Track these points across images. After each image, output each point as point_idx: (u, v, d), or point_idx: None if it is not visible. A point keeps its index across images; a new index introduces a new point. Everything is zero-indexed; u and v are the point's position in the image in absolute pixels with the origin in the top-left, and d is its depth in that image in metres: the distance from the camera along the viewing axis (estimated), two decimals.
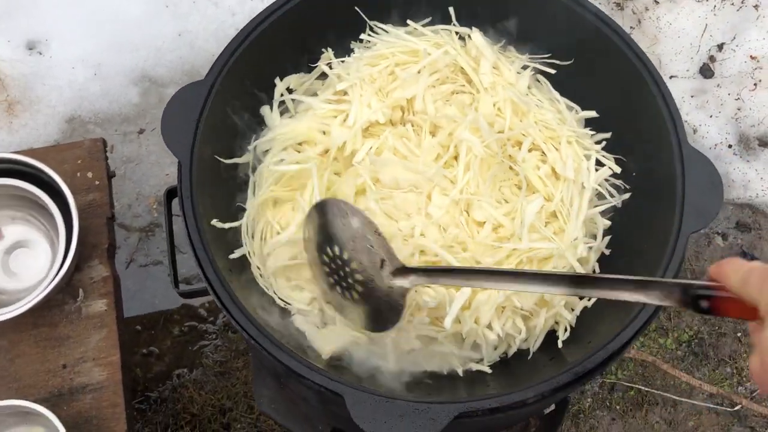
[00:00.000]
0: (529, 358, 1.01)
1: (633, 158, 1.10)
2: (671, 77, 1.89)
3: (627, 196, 1.08)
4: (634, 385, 1.73)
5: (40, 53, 1.88)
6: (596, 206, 1.07)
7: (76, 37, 1.91)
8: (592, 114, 1.13)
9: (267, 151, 1.09)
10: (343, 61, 1.13)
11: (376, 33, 1.15)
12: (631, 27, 1.92)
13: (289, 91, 1.14)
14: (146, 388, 1.72)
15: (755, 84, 1.87)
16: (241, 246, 1.02)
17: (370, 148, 1.02)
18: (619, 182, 1.09)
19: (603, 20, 1.07)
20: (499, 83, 1.09)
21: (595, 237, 1.06)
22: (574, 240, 1.02)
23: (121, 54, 1.91)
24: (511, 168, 1.04)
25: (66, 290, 1.25)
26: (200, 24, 1.95)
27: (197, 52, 1.94)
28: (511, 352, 1.00)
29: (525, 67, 1.16)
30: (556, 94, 1.16)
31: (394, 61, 1.06)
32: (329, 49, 1.16)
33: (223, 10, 1.96)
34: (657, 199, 1.03)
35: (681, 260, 0.94)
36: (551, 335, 1.02)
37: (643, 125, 1.07)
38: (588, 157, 1.09)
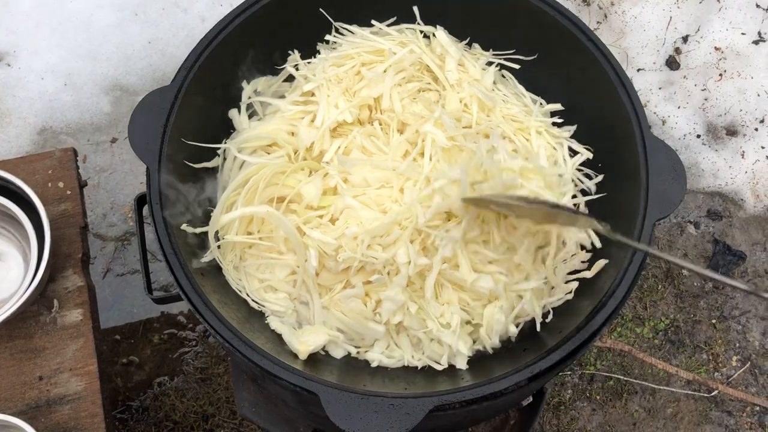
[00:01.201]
0: (500, 350, 1.02)
1: (598, 150, 1.11)
2: (639, 70, 1.92)
3: (600, 178, 1.09)
4: (613, 375, 1.75)
5: (9, 65, 1.87)
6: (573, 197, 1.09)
7: (45, 47, 1.90)
8: (558, 107, 1.15)
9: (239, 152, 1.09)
10: (309, 62, 1.14)
11: (342, 34, 1.16)
12: (597, 22, 1.95)
13: (257, 93, 1.15)
14: (127, 397, 1.71)
15: (720, 75, 1.90)
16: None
17: (338, 147, 1.03)
18: (589, 171, 1.11)
19: (566, 16, 1.09)
20: (464, 80, 1.10)
21: None
22: None
23: (92, 63, 1.90)
24: None
25: (40, 301, 1.24)
26: (170, 31, 1.95)
27: (168, 58, 1.94)
28: (488, 345, 1.01)
29: (490, 64, 1.17)
30: (522, 89, 1.17)
31: (359, 60, 1.07)
32: (296, 51, 1.16)
33: (192, 16, 1.96)
34: (623, 189, 1.04)
35: (647, 245, 0.95)
36: (524, 330, 1.03)
37: (607, 117, 1.08)
38: (560, 146, 1.11)
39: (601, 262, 1.01)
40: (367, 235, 0.96)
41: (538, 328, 1.00)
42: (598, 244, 1.03)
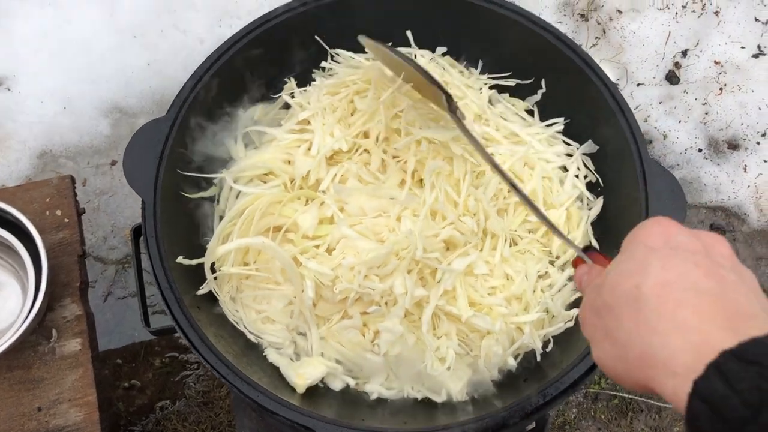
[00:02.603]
0: (500, 380, 1.01)
1: (599, 172, 1.11)
2: (639, 85, 1.91)
3: (600, 200, 1.09)
4: (617, 393, 1.73)
5: (8, 89, 1.87)
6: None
7: (44, 71, 1.90)
8: (560, 120, 1.14)
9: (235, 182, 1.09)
10: (305, 90, 1.14)
11: (337, 61, 1.15)
12: (596, 37, 1.94)
13: (254, 121, 1.14)
14: (129, 422, 1.71)
15: (720, 88, 1.89)
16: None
17: (334, 176, 1.02)
18: (590, 195, 1.10)
19: (562, 40, 1.09)
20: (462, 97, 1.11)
21: None
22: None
23: (91, 86, 1.90)
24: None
25: (39, 331, 1.24)
26: (169, 53, 1.95)
27: (167, 81, 1.94)
28: (487, 377, 1.00)
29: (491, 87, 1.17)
30: (521, 108, 1.17)
31: (354, 89, 1.07)
32: (292, 79, 1.16)
33: (191, 37, 1.96)
34: (624, 212, 1.04)
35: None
36: (525, 359, 1.02)
37: (605, 142, 1.08)
38: (566, 168, 1.11)
39: None
40: (363, 266, 0.95)
41: (539, 359, 0.99)
42: None
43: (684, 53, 1.92)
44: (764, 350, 0.42)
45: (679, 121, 1.89)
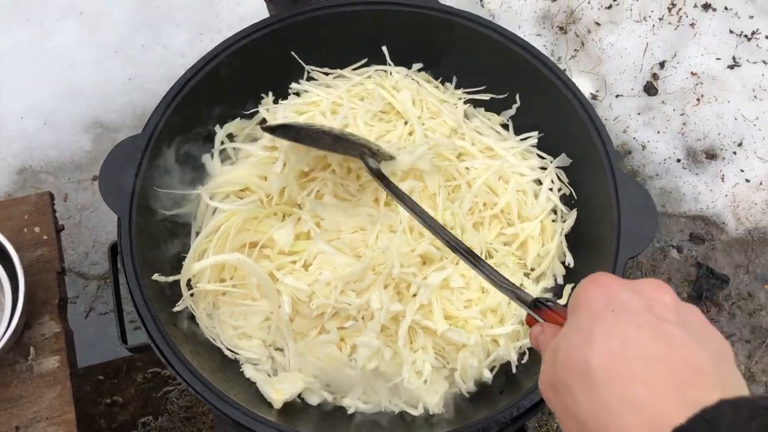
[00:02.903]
0: (477, 393, 1.01)
1: (572, 185, 1.12)
2: (617, 96, 1.93)
3: (574, 213, 1.10)
4: None
5: None
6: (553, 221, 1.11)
7: (24, 87, 1.90)
8: (534, 134, 1.15)
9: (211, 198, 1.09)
10: (275, 107, 1.14)
11: (314, 78, 1.16)
12: (575, 50, 1.96)
13: (231, 137, 1.15)
14: None
15: (698, 99, 1.92)
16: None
17: (309, 193, 1.03)
18: (564, 207, 1.11)
19: (535, 55, 1.10)
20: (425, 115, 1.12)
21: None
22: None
23: (71, 101, 1.90)
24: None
25: (16, 349, 1.23)
26: (150, 67, 1.95)
27: (148, 95, 1.94)
28: (463, 389, 1.00)
29: (466, 102, 1.19)
30: (496, 122, 1.18)
31: (320, 110, 1.08)
32: (269, 94, 1.16)
33: (172, 52, 1.97)
34: (597, 225, 1.05)
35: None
36: (500, 371, 1.03)
37: (578, 156, 1.09)
38: (540, 182, 1.12)
39: (569, 287, 1.04)
40: (340, 281, 0.95)
41: (514, 371, 0.99)
42: None
43: (661, 65, 1.95)
44: (712, 426, 0.41)
45: (658, 132, 1.92)
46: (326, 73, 1.19)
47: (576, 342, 0.50)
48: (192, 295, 1.02)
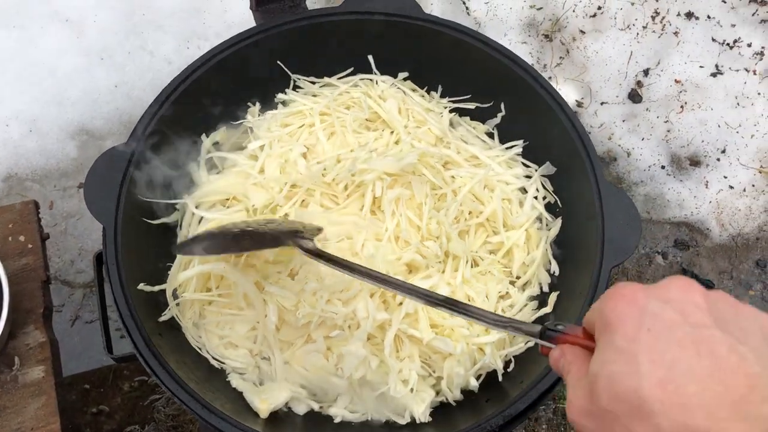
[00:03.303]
0: (463, 401, 1.02)
1: (557, 193, 1.13)
2: (602, 103, 1.95)
3: (559, 221, 1.11)
4: None
5: None
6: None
7: (9, 94, 1.89)
8: (519, 143, 1.16)
9: (197, 207, 1.09)
10: (260, 117, 1.15)
11: (300, 86, 1.17)
12: (560, 57, 1.98)
13: (217, 145, 1.15)
14: None
15: (681, 106, 1.93)
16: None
17: (294, 202, 1.03)
18: (549, 215, 1.12)
19: (519, 64, 1.11)
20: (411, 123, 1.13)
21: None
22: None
23: (57, 108, 1.89)
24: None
25: (0, 359, 1.22)
26: (136, 74, 1.95)
27: (135, 102, 1.94)
28: (450, 398, 1.01)
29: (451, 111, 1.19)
30: (481, 131, 1.19)
31: (307, 121, 1.08)
32: (257, 103, 1.17)
33: (158, 59, 1.96)
34: (581, 234, 1.05)
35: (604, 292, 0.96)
36: (486, 379, 1.03)
37: (563, 164, 1.10)
38: (525, 190, 1.13)
39: (554, 295, 1.04)
40: (326, 291, 0.96)
41: (500, 379, 1.00)
42: None
43: (646, 72, 1.97)
44: None
45: (643, 139, 1.93)
46: (312, 82, 1.19)
47: (619, 370, 0.49)
48: (178, 304, 1.02)
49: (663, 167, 1.92)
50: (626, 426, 0.48)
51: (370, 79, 1.18)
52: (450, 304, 0.73)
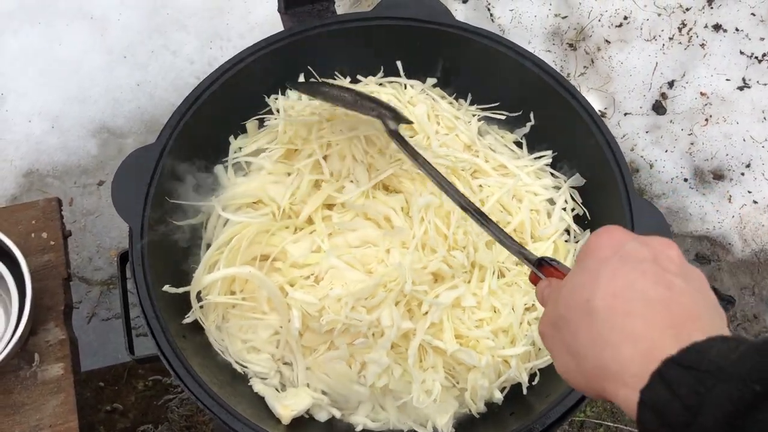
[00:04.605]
0: (487, 413, 1.00)
1: (586, 205, 1.12)
2: (626, 114, 1.93)
3: (587, 233, 1.09)
4: (603, 422, 1.73)
5: None
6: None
7: (32, 90, 1.89)
8: (548, 154, 1.15)
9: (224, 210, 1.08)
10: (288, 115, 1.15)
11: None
12: (584, 67, 1.96)
13: (245, 147, 1.14)
14: None
15: (706, 119, 1.92)
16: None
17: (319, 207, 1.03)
18: (577, 228, 1.11)
19: (552, 74, 1.10)
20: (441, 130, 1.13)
21: None
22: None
23: (79, 106, 1.90)
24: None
25: (21, 355, 1.22)
26: (159, 73, 1.95)
27: (156, 101, 1.94)
28: (473, 410, 1.00)
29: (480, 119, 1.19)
30: (510, 144, 1.18)
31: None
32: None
33: (181, 59, 1.96)
34: None
35: None
36: (511, 391, 1.02)
37: (593, 176, 1.09)
38: (553, 201, 1.12)
39: None
40: (351, 297, 0.95)
41: (525, 392, 0.99)
42: None
43: (671, 84, 1.95)
44: (701, 355, 0.44)
45: (666, 151, 1.92)
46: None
47: (581, 281, 0.53)
48: (201, 307, 1.01)
49: (686, 180, 1.90)
50: (572, 329, 0.52)
51: (399, 83, 1.17)
52: (478, 213, 0.79)
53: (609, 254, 0.53)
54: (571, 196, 1.12)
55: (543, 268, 0.65)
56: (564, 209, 1.11)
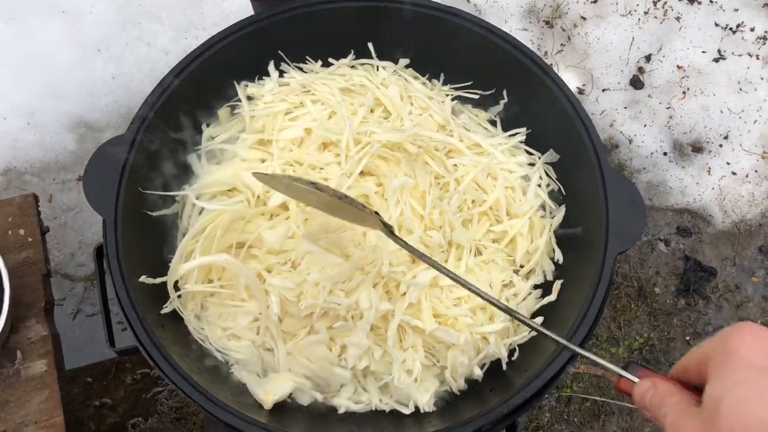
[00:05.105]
0: (467, 390, 1.01)
1: (561, 181, 1.12)
2: (604, 90, 1.93)
3: (563, 209, 1.10)
4: (590, 397, 1.75)
5: None
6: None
7: (6, 87, 1.88)
8: (522, 131, 1.15)
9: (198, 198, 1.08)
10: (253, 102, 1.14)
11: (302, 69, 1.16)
12: (561, 44, 1.96)
13: (218, 135, 1.14)
14: None
15: (684, 92, 1.92)
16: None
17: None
18: (552, 203, 1.11)
19: (522, 50, 1.10)
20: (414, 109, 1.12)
21: None
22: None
23: (55, 101, 1.88)
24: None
25: (3, 353, 1.22)
26: (134, 65, 1.94)
27: (133, 93, 1.93)
28: (454, 387, 1.00)
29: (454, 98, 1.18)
30: (484, 123, 1.18)
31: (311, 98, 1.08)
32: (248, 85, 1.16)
33: (156, 50, 1.95)
34: (586, 221, 1.05)
35: (609, 280, 0.96)
36: (490, 368, 1.03)
37: (566, 151, 1.09)
38: (528, 178, 1.12)
39: (558, 283, 1.04)
40: (328, 281, 0.95)
41: (504, 368, 0.99)
42: None
43: (647, 58, 1.96)
44: None
45: (645, 125, 1.92)
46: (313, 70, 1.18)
47: (745, 397, 0.48)
48: (179, 296, 1.01)
49: (665, 154, 1.91)
50: None
51: (371, 65, 1.17)
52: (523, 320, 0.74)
53: (762, 361, 0.50)
54: (545, 172, 1.12)
55: (635, 371, 0.61)
56: (539, 185, 1.11)
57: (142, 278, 0.96)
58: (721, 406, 0.48)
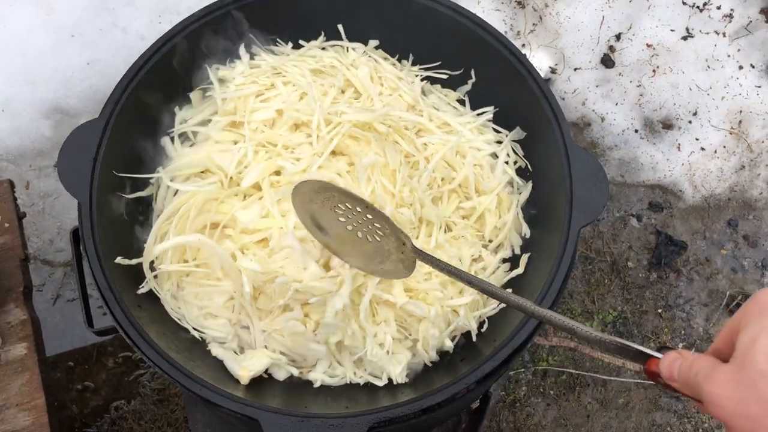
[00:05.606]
0: (439, 361, 1.04)
1: (528, 157, 1.15)
2: (576, 69, 1.96)
3: (530, 185, 1.12)
4: (565, 370, 1.79)
5: None
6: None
7: None
8: (489, 110, 1.18)
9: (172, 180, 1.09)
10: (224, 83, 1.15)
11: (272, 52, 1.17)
12: (533, 24, 1.98)
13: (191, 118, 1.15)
14: (84, 424, 1.70)
15: (653, 70, 1.96)
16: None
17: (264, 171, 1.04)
18: (520, 180, 1.14)
19: (488, 30, 1.12)
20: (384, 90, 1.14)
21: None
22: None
23: (30, 88, 1.87)
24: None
25: None
26: (109, 51, 1.93)
27: (109, 79, 1.92)
28: (426, 359, 1.03)
29: (423, 78, 1.20)
30: (453, 102, 1.20)
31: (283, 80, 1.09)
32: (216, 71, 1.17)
33: (131, 35, 1.94)
34: (552, 195, 1.08)
35: (573, 252, 0.99)
36: (461, 340, 1.06)
37: (532, 128, 1.12)
38: (496, 155, 1.14)
39: (525, 257, 1.07)
40: (302, 287, 0.97)
41: (474, 339, 1.02)
42: None
43: (618, 37, 1.98)
44: None
45: (616, 104, 1.95)
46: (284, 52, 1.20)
47: None
48: (156, 276, 1.03)
49: (636, 131, 1.95)
50: None
51: (341, 46, 1.18)
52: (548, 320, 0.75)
53: None
54: (513, 149, 1.15)
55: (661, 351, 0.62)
56: (507, 162, 1.14)
57: (118, 259, 0.98)
58: (753, 349, 0.50)
